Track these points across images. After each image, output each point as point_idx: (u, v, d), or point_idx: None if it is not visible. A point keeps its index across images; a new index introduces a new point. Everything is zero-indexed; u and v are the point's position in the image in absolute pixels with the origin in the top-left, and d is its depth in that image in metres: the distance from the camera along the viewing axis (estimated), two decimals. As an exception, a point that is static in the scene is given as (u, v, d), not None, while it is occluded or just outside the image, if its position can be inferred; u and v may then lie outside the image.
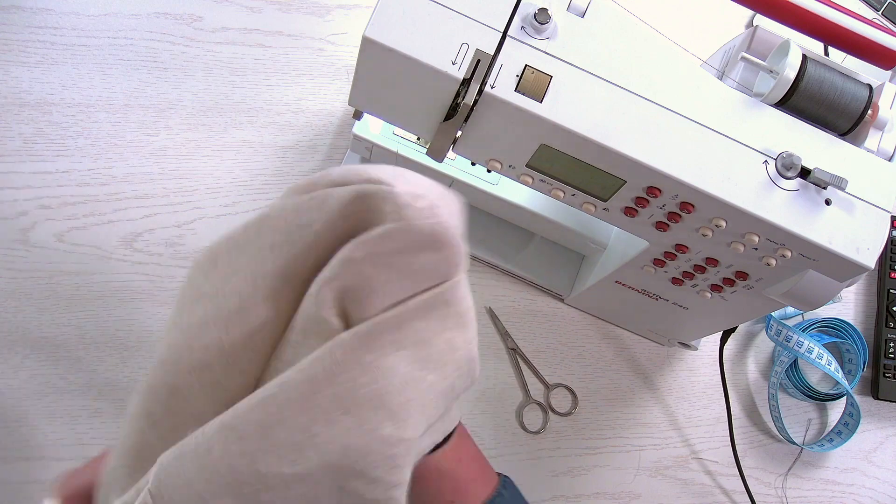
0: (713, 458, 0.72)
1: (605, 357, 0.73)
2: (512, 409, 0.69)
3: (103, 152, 0.67)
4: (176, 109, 0.70)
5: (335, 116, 0.72)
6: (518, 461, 0.68)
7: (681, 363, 0.74)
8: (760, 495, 0.72)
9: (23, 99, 0.67)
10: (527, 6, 0.45)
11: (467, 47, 0.44)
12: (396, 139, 0.63)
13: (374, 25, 0.44)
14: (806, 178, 0.46)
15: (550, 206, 0.65)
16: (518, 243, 0.72)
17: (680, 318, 0.65)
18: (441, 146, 0.49)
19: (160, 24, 0.72)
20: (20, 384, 0.61)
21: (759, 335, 0.77)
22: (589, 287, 0.67)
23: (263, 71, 0.72)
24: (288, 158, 0.70)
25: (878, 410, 0.78)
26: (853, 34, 0.48)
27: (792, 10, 0.48)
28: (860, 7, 0.89)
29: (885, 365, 0.77)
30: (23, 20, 0.69)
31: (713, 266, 0.53)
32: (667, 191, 0.47)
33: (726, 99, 0.47)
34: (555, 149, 0.47)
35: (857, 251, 0.46)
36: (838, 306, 0.80)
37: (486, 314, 0.71)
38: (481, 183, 0.64)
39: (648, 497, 0.70)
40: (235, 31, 0.73)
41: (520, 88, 0.45)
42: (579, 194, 0.51)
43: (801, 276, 0.48)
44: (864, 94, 0.47)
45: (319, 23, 0.75)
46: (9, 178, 0.65)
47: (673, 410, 0.73)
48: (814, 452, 0.75)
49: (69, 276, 0.64)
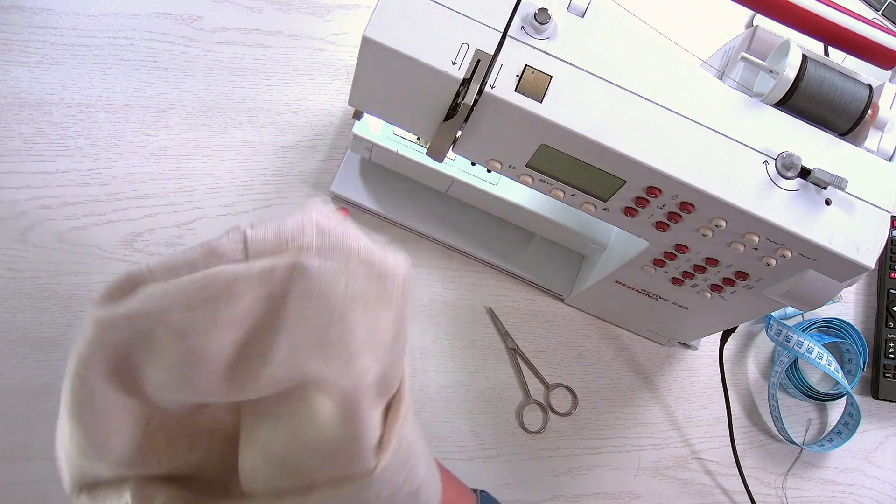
0: (713, 458, 0.72)
1: (605, 357, 0.73)
2: (512, 409, 0.69)
3: (103, 152, 0.67)
4: (176, 109, 0.70)
5: (335, 116, 0.72)
6: (518, 461, 0.68)
7: (681, 363, 0.74)
8: (760, 495, 0.72)
9: (23, 99, 0.67)
10: (527, 6, 0.45)
11: (467, 47, 0.44)
12: (396, 139, 0.63)
13: (374, 25, 0.44)
14: (806, 178, 0.46)
15: (550, 206, 0.65)
16: (518, 243, 0.72)
17: (680, 318, 0.65)
18: (441, 146, 0.49)
19: (160, 24, 0.72)
20: (20, 384, 0.61)
21: (759, 335, 0.77)
22: (589, 287, 0.67)
23: (263, 71, 0.72)
24: (288, 158, 0.70)
25: (878, 410, 0.78)
26: (853, 34, 0.48)
27: (792, 10, 0.48)
28: (860, 7, 0.89)
29: (885, 365, 0.77)
30: (23, 20, 0.69)
31: (713, 266, 0.53)
32: (667, 191, 0.47)
33: (726, 99, 0.47)
34: (555, 149, 0.47)
35: (857, 251, 0.46)
36: (838, 306, 0.80)
37: (486, 314, 0.71)
38: (481, 183, 0.64)
39: (648, 497, 0.70)
40: (235, 31, 0.73)
41: (520, 88, 0.45)
42: (579, 194, 0.51)
43: (801, 276, 0.48)
44: (864, 94, 0.47)
45: (319, 23, 0.75)
46: (9, 178, 0.65)
47: (673, 410, 0.73)
48: (814, 452, 0.75)
49: (69, 276, 0.64)
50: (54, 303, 0.63)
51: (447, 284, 0.71)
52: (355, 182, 0.70)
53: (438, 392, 0.68)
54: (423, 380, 0.68)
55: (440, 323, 0.69)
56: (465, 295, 0.71)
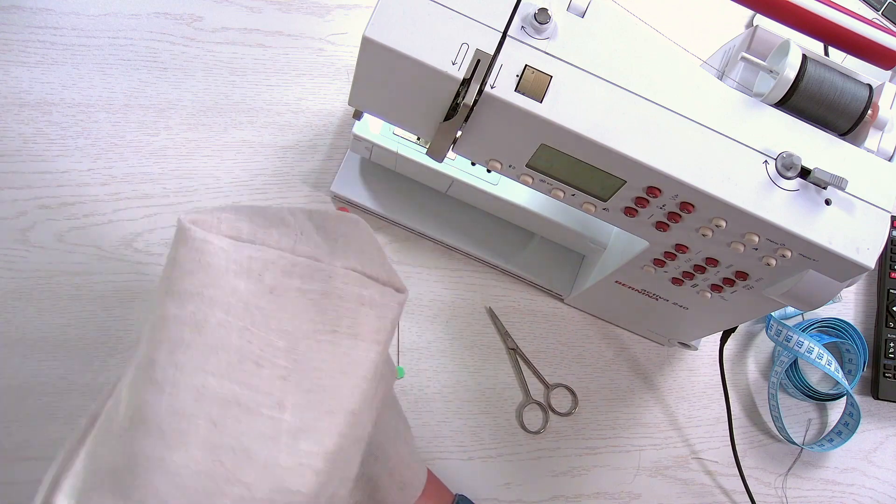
0: (713, 458, 0.72)
1: (605, 357, 0.73)
2: (512, 409, 0.69)
3: (103, 152, 0.67)
4: (176, 109, 0.70)
5: (335, 116, 0.72)
6: (518, 461, 0.68)
7: (681, 363, 0.74)
8: (760, 495, 0.72)
9: (23, 99, 0.67)
10: (527, 6, 0.45)
11: (467, 47, 0.44)
12: (396, 139, 0.63)
13: (374, 25, 0.44)
14: (806, 178, 0.46)
15: (550, 206, 0.65)
16: (518, 243, 0.72)
17: (680, 318, 0.65)
18: (441, 146, 0.49)
19: (160, 24, 0.72)
20: (20, 384, 0.61)
21: (759, 335, 0.77)
22: (589, 287, 0.67)
23: (263, 71, 0.72)
24: (288, 158, 0.70)
25: (878, 410, 0.78)
26: (853, 34, 0.48)
27: (792, 10, 0.48)
28: (860, 7, 0.89)
29: (885, 365, 0.77)
30: (23, 20, 0.69)
31: (713, 266, 0.53)
32: (667, 191, 0.47)
33: (726, 99, 0.47)
34: (555, 149, 0.47)
35: (857, 251, 0.46)
36: (838, 306, 0.80)
37: (486, 314, 0.71)
38: (481, 183, 0.64)
39: (648, 497, 0.70)
40: (235, 31, 0.73)
41: (520, 88, 0.45)
42: (579, 194, 0.51)
43: (801, 276, 0.48)
44: (864, 94, 0.47)
45: (319, 23, 0.75)
46: (9, 178, 0.65)
47: (673, 410, 0.73)
48: (814, 452, 0.75)
49: (69, 276, 0.64)
50: (54, 303, 0.63)
51: (447, 284, 0.71)
52: (355, 182, 0.70)
53: (438, 392, 0.68)
54: (422, 380, 0.68)
55: (440, 323, 0.69)
56: (465, 295, 0.71)
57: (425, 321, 0.69)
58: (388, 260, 0.46)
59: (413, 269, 0.70)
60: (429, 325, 0.69)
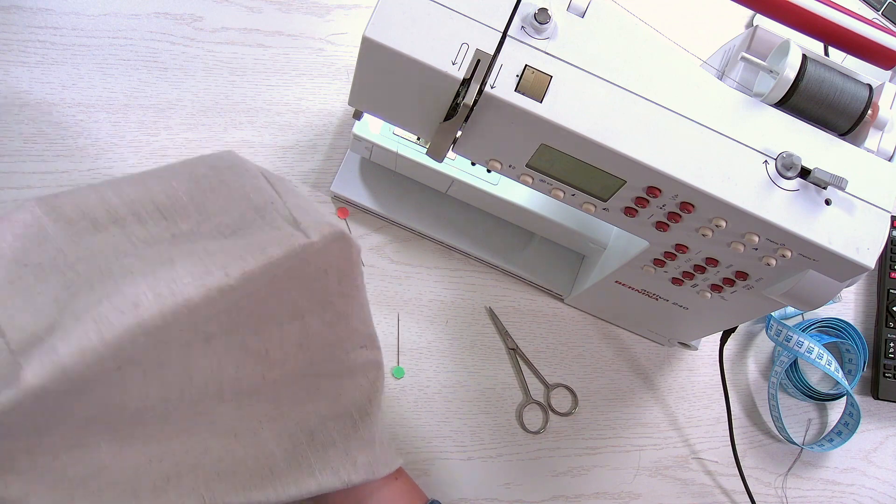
0: (713, 458, 0.72)
1: (605, 357, 0.73)
2: (512, 409, 0.69)
3: (103, 152, 0.67)
4: (176, 109, 0.70)
5: (335, 116, 0.72)
6: (518, 461, 0.68)
7: (681, 363, 0.74)
8: (760, 495, 0.72)
9: (23, 99, 0.67)
10: (527, 6, 0.45)
11: (467, 47, 0.44)
12: (396, 139, 0.63)
13: (374, 25, 0.44)
14: (806, 178, 0.46)
15: (550, 206, 0.65)
16: (518, 243, 0.72)
17: (680, 318, 0.65)
18: (441, 146, 0.49)
19: (160, 24, 0.72)
20: (20, 384, 0.61)
21: (759, 335, 0.77)
22: (589, 287, 0.67)
23: (263, 71, 0.72)
24: (288, 158, 0.70)
25: (878, 410, 0.78)
26: (853, 34, 0.48)
27: (792, 10, 0.48)
28: (860, 7, 0.89)
29: (885, 365, 0.77)
30: (23, 20, 0.69)
31: (713, 266, 0.53)
32: (667, 191, 0.47)
33: (726, 99, 0.47)
34: (555, 149, 0.47)
35: (857, 251, 0.46)
36: (838, 306, 0.80)
37: (486, 314, 0.71)
38: (481, 183, 0.64)
39: (648, 497, 0.70)
40: (235, 31, 0.73)
41: (520, 88, 0.45)
42: (579, 194, 0.51)
43: (801, 276, 0.48)
44: (864, 94, 0.47)
45: (319, 23, 0.75)
46: (9, 178, 0.65)
47: (673, 410, 0.73)
48: (814, 452, 0.75)
49: (69, 276, 0.64)
50: (54, 303, 0.63)
51: (447, 284, 0.71)
52: (355, 182, 0.70)
53: (438, 392, 0.68)
54: (422, 380, 0.68)
55: (440, 323, 0.69)
56: (465, 295, 0.71)
57: (425, 321, 0.69)
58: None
59: (413, 269, 0.70)
60: (429, 325, 0.69)
